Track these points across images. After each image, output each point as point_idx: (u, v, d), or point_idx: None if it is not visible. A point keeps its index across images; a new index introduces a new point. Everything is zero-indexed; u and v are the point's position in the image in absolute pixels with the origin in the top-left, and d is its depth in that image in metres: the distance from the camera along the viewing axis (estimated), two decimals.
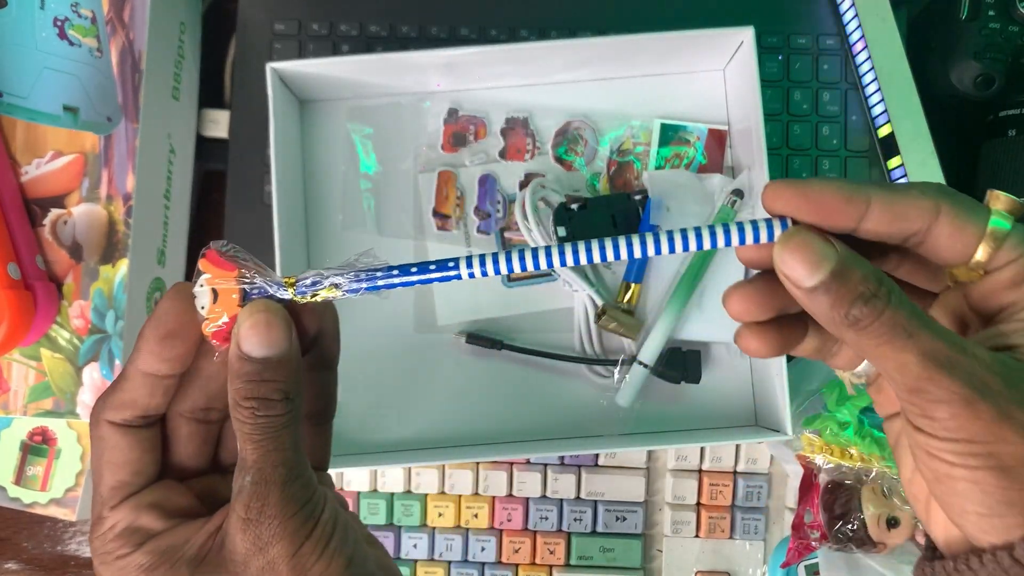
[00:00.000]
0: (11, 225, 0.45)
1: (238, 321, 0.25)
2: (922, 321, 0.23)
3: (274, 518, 0.24)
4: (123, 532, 0.26)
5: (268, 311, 0.25)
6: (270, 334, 0.25)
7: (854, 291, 0.23)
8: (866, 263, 0.24)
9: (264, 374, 0.25)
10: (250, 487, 0.24)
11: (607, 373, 0.52)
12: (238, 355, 0.25)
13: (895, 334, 0.23)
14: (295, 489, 0.25)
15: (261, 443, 0.24)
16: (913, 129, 0.52)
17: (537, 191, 0.51)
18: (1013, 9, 0.50)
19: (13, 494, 0.53)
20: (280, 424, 0.25)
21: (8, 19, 0.47)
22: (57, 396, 0.47)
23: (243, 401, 0.25)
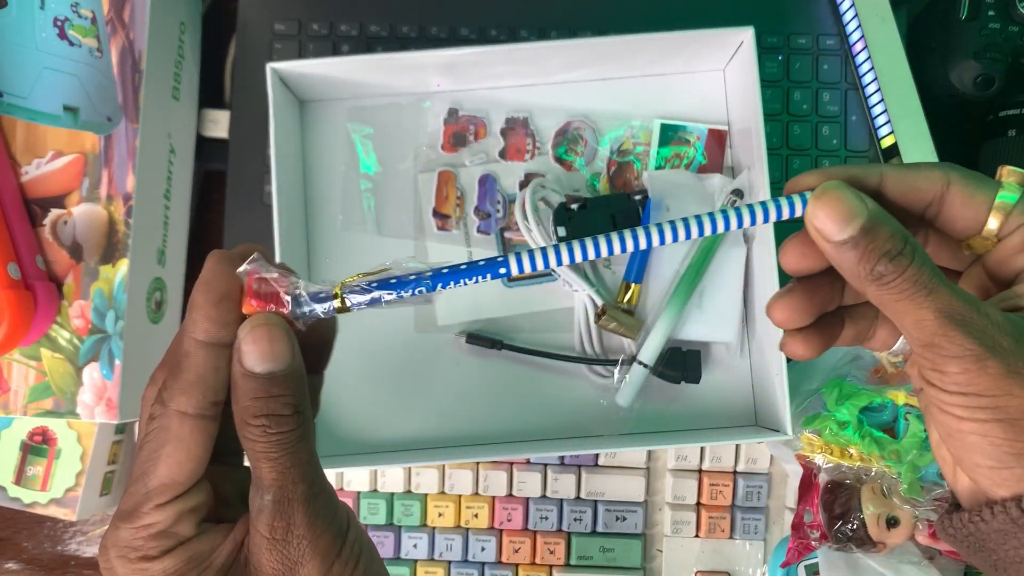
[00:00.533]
0: (11, 225, 0.45)
1: (238, 337, 0.24)
2: (942, 280, 0.24)
3: (303, 537, 0.24)
4: (159, 534, 0.24)
5: (268, 324, 0.24)
6: (273, 348, 0.24)
7: (881, 247, 0.24)
8: (894, 221, 0.25)
9: (272, 389, 0.24)
10: (272, 506, 0.24)
11: (607, 373, 0.52)
12: (242, 372, 0.24)
13: (916, 290, 0.24)
14: (319, 505, 0.24)
15: (278, 460, 0.24)
16: (913, 129, 0.52)
17: (537, 191, 0.51)
18: (1013, 9, 0.50)
19: (13, 494, 0.53)
20: (295, 439, 0.24)
21: (8, 19, 0.47)
22: (57, 396, 0.47)
23: (253, 420, 0.24)
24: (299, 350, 0.25)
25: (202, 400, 0.24)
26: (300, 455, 0.24)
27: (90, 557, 0.57)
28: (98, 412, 0.46)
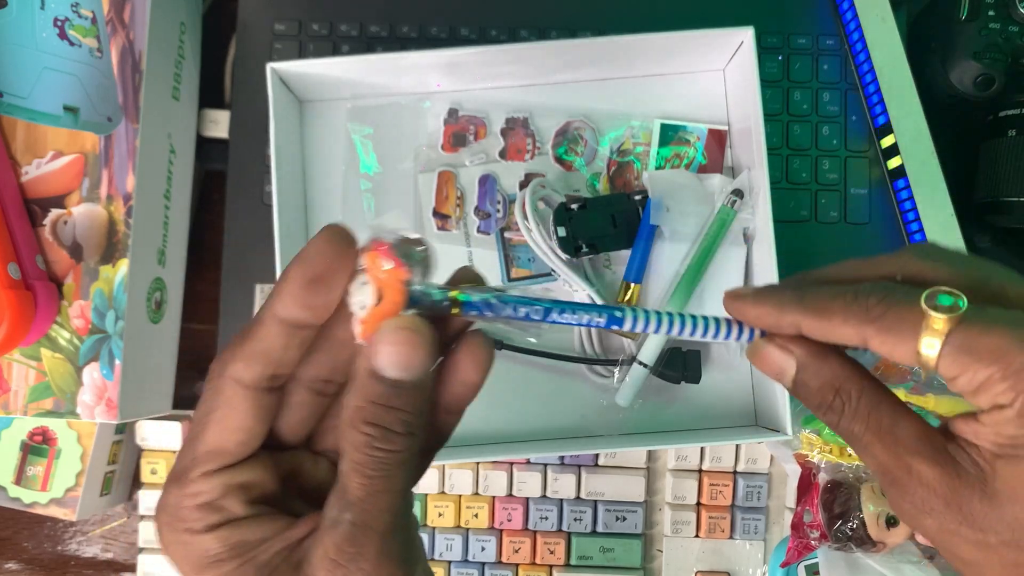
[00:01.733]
0: (11, 225, 0.45)
1: (379, 332, 0.22)
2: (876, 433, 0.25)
3: (367, 572, 0.22)
4: (204, 506, 0.23)
5: (414, 330, 0.22)
6: (413, 356, 0.22)
7: (813, 400, 0.26)
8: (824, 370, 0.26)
9: (393, 400, 0.22)
10: (348, 527, 0.22)
11: (607, 373, 0.52)
12: (368, 371, 0.22)
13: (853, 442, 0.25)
14: (396, 544, 0.22)
15: (372, 480, 0.22)
16: (913, 129, 0.52)
17: (537, 191, 0.51)
18: (1013, 9, 0.50)
19: (13, 494, 0.53)
20: (396, 461, 0.22)
21: (8, 19, 0.47)
22: (57, 396, 0.47)
23: (362, 424, 0.22)
24: (432, 370, 0.23)
25: (261, 372, 0.23)
26: (395, 482, 0.22)
27: (90, 557, 0.57)
28: (98, 412, 0.46)
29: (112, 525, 0.57)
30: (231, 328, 0.54)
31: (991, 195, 0.52)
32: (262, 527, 0.23)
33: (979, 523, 0.23)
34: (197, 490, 0.23)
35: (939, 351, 0.23)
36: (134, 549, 0.56)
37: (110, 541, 0.57)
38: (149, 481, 0.55)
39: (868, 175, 0.55)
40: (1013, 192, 0.50)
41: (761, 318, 0.27)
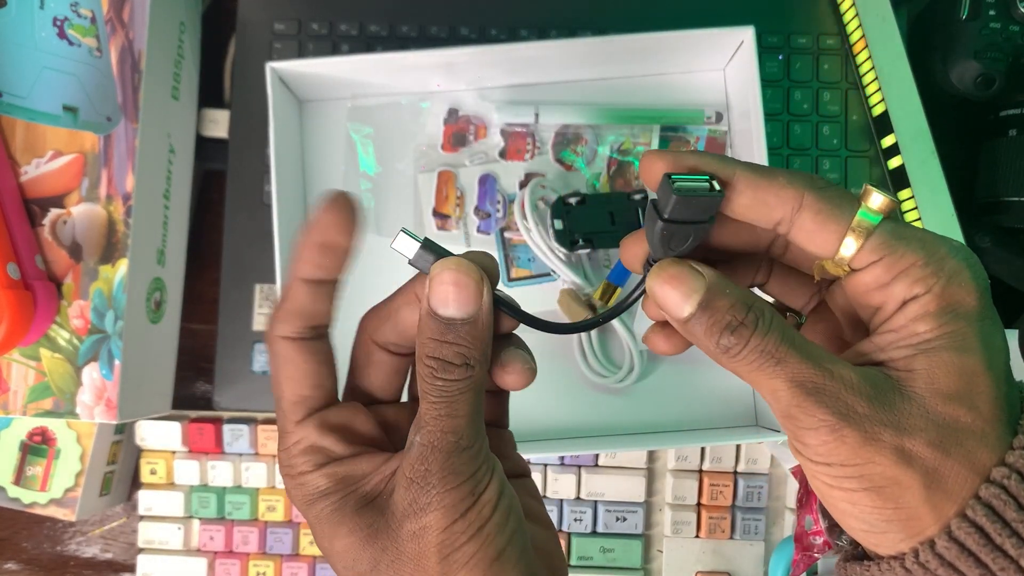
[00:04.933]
0: (10, 225, 0.45)
1: (430, 275, 0.25)
2: (791, 346, 0.23)
3: (433, 486, 0.24)
4: (307, 449, 0.26)
5: (460, 270, 0.25)
6: (459, 295, 0.24)
7: (722, 320, 0.24)
8: (735, 290, 0.24)
9: (447, 335, 0.24)
10: (417, 448, 0.24)
11: (607, 373, 0.52)
12: (426, 310, 0.25)
13: (764, 360, 0.23)
14: (461, 461, 0.24)
15: (436, 405, 0.24)
16: (913, 129, 0.52)
17: (536, 191, 0.51)
18: (1014, 9, 0.50)
19: (13, 494, 0.53)
20: (456, 390, 0.24)
21: (8, 19, 0.47)
22: (57, 396, 0.47)
23: (425, 359, 0.24)
24: (490, 308, 0.25)
25: (300, 325, 0.26)
26: (459, 407, 0.24)
27: (89, 557, 0.57)
28: (97, 412, 0.46)
29: (112, 525, 0.57)
30: (231, 328, 0.54)
31: (991, 195, 0.52)
32: (365, 463, 0.26)
33: (903, 424, 0.22)
34: (296, 439, 0.26)
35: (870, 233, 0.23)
36: (133, 549, 0.56)
37: (109, 541, 0.57)
38: (148, 481, 0.55)
39: (868, 175, 0.55)
40: (1013, 192, 0.50)
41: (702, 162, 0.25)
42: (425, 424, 0.24)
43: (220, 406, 0.54)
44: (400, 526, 0.24)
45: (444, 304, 0.24)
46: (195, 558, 0.55)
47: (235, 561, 0.55)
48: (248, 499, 0.55)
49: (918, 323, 0.23)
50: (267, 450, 0.55)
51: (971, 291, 0.23)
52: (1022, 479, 0.21)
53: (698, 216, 0.25)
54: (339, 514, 0.25)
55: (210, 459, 0.55)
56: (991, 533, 0.21)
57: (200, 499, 0.55)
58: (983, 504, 0.22)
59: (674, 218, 0.24)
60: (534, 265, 0.53)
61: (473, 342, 0.25)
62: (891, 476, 0.22)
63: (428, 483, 0.24)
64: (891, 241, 0.23)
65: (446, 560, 0.24)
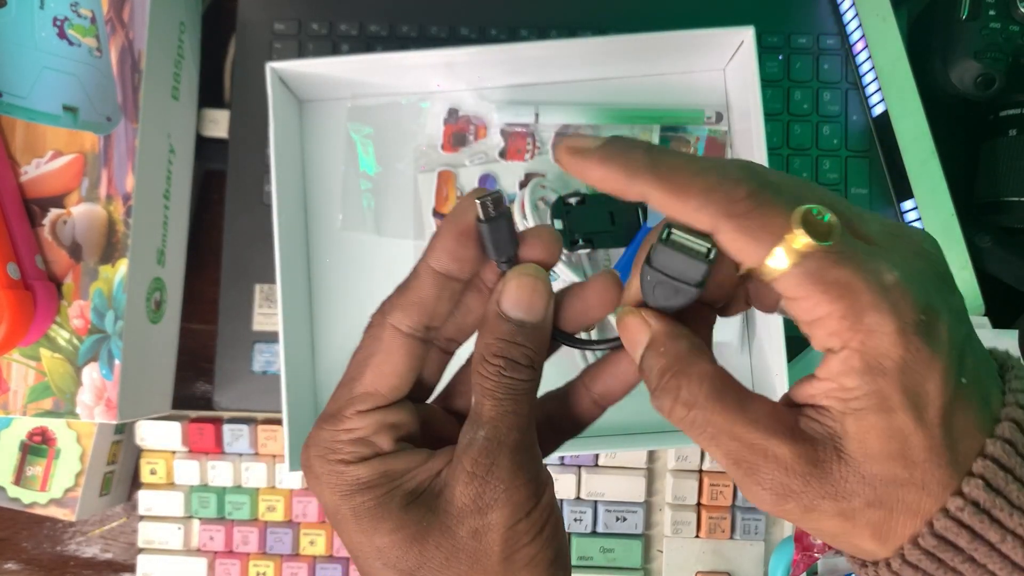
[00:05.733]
0: (10, 225, 0.45)
1: (505, 279, 0.25)
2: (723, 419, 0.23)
3: (501, 481, 0.24)
4: (358, 440, 0.25)
5: (536, 276, 0.25)
6: (533, 299, 0.25)
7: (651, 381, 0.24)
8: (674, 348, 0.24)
9: (517, 336, 0.25)
10: (482, 442, 0.24)
11: None
12: (496, 312, 0.25)
13: (698, 432, 0.23)
14: (526, 458, 0.25)
15: (502, 402, 0.24)
16: (913, 129, 0.52)
17: (536, 191, 0.51)
18: (1014, 9, 0.50)
19: (13, 494, 0.53)
20: (522, 389, 0.25)
21: (8, 19, 0.47)
22: (57, 396, 0.47)
23: (492, 357, 0.25)
24: (552, 314, 0.26)
25: (417, 320, 0.26)
26: (522, 405, 0.25)
27: (89, 557, 0.57)
28: (97, 412, 0.46)
29: (111, 525, 0.57)
30: (231, 328, 0.54)
31: (991, 195, 0.52)
32: (406, 459, 0.26)
33: (840, 491, 0.22)
34: (352, 426, 0.25)
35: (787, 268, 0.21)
36: (133, 549, 0.56)
37: (109, 541, 0.57)
38: (148, 481, 0.55)
39: (868, 175, 0.55)
40: (1013, 192, 0.50)
41: (606, 181, 0.24)
42: (490, 420, 0.24)
43: (220, 406, 0.54)
44: (459, 523, 0.24)
45: (518, 307, 0.25)
46: (195, 558, 0.55)
47: (235, 561, 0.55)
48: (248, 499, 0.55)
49: (844, 377, 0.22)
50: (267, 450, 0.55)
51: (894, 342, 0.21)
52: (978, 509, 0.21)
53: (684, 277, 0.23)
54: (382, 509, 0.25)
55: (210, 459, 0.55)
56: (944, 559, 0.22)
57: (200, 499, 0.55)
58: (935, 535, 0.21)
59: (659, 267, 0.24)
60: None
61: (538, 345, 0.25)
62: (840, 531, 0.22)
63: (494, 477, 0.24)
64: (807, 284, 0.21)
65: (508, 560, 0.24)
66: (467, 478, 0.24)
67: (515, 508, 0.24)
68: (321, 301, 0.53)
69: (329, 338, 0.53)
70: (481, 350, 0.25)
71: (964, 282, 0.51)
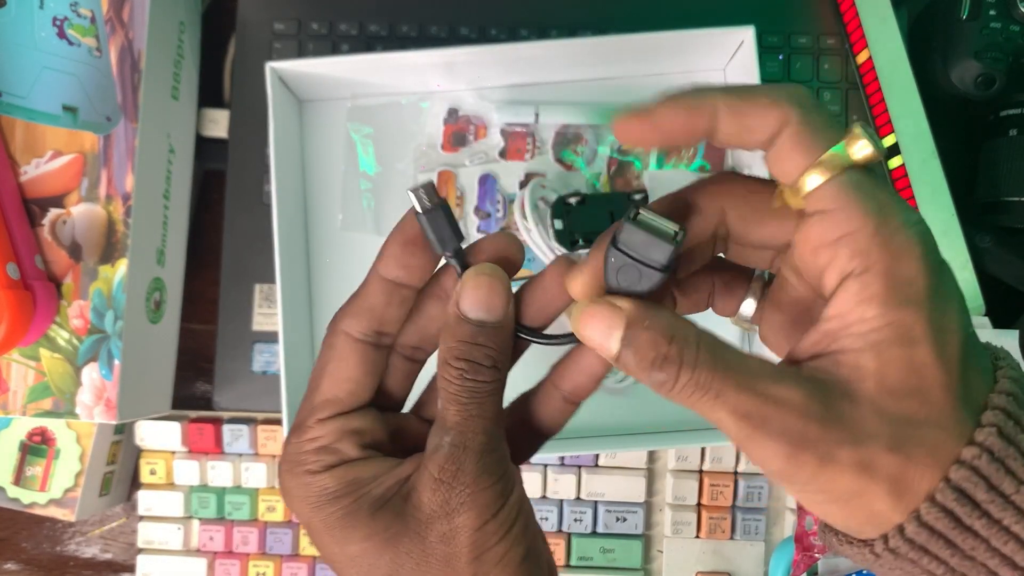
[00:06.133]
0: (10, 225, 0.45)
1: (462, 279, 0.25)
2: (727, 374, 0.22)
3: (466, 486, 0.24)
4: (321, 449, 0.26)
5: (492, 276, 0.25)
6: (491, 299, 0.25)
7: (647, 356, 0.22)
8: (656, 319, 0.23)
9: (478, 337, 0.25)
10: (448, 448, 0.24)
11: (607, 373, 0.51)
12: (455, 314, 0.25)
13: (701, 394, 0.22)
14: (491, 461, 0.25)
15: (466, 406, 0.24)
16: (913, 129, 0.52)
17: (536, 190, 0.51)
18: (1014, 8, 0.50)
19: (12, 494, 0.53)
20: (486, 391, 0.25)
21: (7, 19, 0.47)
22: (56, 396, 0.47)
23: (453, 361, 0.25)
24: (512, 312, 0.26)
25: (367, 326, 0.26)
26: (487, 408, 0.25)
27: (89, 558, 0.57)
28: (97, 412, 0.46)
29: (111, 525, 0.57)
30: (231, 328, 0.54)
31: (992, 195, 0.52)
32: (374, 466, 0.26)
33: (858, 434, 0.21)
34: (314, 435, 0.26)
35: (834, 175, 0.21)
36: (133, 549, 0.56)
37: (109, 542, 0.57)
38: (148, 481, 0.55)
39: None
40: (1014, 192, 0.50)
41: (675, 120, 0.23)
42: (454, 425, 0.24)
43: (220, 406, 0.54)
44: (427, 528, 0.24)
45: (476, 308, 0.25)
46: (195, 558, 0.55)
47: (235, 561, 0.55)
48: (248, 499, 0.55)
49: (864, 307, 0.21)
50: (267, 450, 0.55)
51: (920, 270, 0.21)
52: (992, 457, 0.21)
53: (650, 259, 0.23)
54: (352, 518, 0.25)
55: (210, 459, 0.55)
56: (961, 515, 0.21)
57: (200, 499, 0.55)
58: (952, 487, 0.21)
59: (624, 248, 0.23)
60: (534, 265, 0.53)
61: (501, 345, 0.25)
62: (855, 490, 0.21)
63: (460, 483, 0.24)
64: (849, 192, 0.21)
65: (478, 560, 0.24)
66: (434, 484, 0.24)
67: (482, 510, 0.24)
68: (321, 301, 0.53)
69: None
70: (443, 354, 0.25)
71: (964, 282, 0.51)
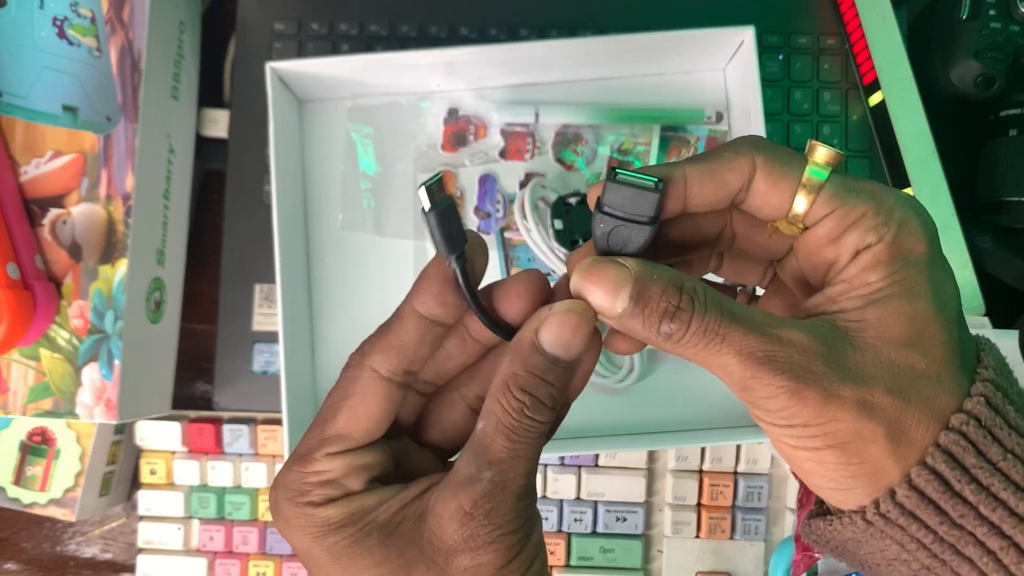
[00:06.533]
0: (10, 225, 0.45)
1: (550, 311, 0.24)
2: (733, 319, 0.23)
3: (498, 526, 0.23)
4: (328, 483, 0.25)
5: (581, 315, 0.24)
6: (574, 338, 0.24)
7: (657, 308, 0.23)
8: (664, 273, 0.23)
9: (549, 374, 0.24)
10: (487, 485, 0.23)
11: (607, 373, 0.51)
12: (532, 344, 0.24)
13: (708, 340, 0.23)
14: (525, 505, 0.24)
15: (516, 444, 0.24)
16: (913, 129, 0.52)
17: (536, 190, 0.51)
18: (1014, 8, 0.50)
19: (12, 494, 0.53)
20: (539, 432, 0.24)
21: (7, 19, 0.47)
22: (56, 396, 0.47)
23: (517, 391, 0.24)
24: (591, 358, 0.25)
25: (397, 364, 0.25)
26: (534, 450, 0.24)
27: (89, 558, 0.57)
28: (97, 412, 0.46)
29: (111, 525, 0.57)
30: (231, 328, 0.54)
31: (992, 195, 0.52)
32: (379, 494, 0.25)
33: (860, 374, 0.22)
34: (321, 468, 0.25)
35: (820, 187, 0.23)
36: (133, 549, 0.56)
37: (109, 542, 0.57)
38: (148, 481, 0.55)
39: (868, 175, 0.55)
40: (1014, 192, 0.50)
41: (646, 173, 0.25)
42: (499, 461, 0.23)
43: (220, 406, 0.54)
44: (447, 560, 0.24)
45: (556, 344, 0.24)
46: (195, 558, 0.55)
47: (235, 561, 0.55)
48: (248, 499, 0.55)
49: (869, 272, 0.23)
50: (267, 450, 0.55)
51: (920, 239, 0.23)
52: (980, 425, 0.22)
53: (638, 213, 0.24)
54: (360, 547, 0.24)
55: (210, 459, 0.55)
56: (950, 480, 0.21)
57: (200, 499, 0.55)
58: (942, 451, 0.22)
59: (611, 210, 0.24)
60: (534, 265, 0.53)
61: (566, 387, 0.24)
62: (855, 430, 0.22)
63: (492, 522, 0.23)
64: (841, 193, 0.23)
65: None
66: (463, 517, 0.23)
67: (507, 550, 0.24)
68: (321, 301, 0.53)
69: (329, 338, 0.53)
70: (507, 379, 0.24)
71: (964, 282, 0.51)
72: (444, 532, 0.23)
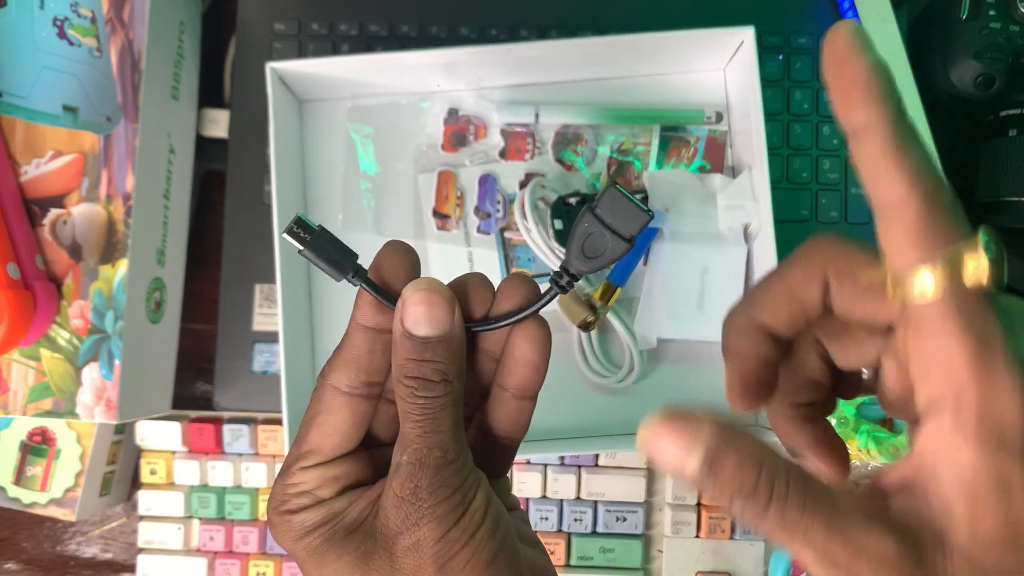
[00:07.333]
0: (10, 225, 0.45)
1: (402, 298, 0.25)
2: (815, 515, 0.21)
3: (425, 500, 0.25)
4: (302, 493, 0.27)
5: (431, 289, 0.25)
6: (432, 313, 0.25)
7: (730, 486, 0.21)
8: (742, 443, 0.21)
9: (425, 353, 0.25)
10: (406, 467, 0.25)
11: (607, 373, 0.52)
12: (401, 332, 0.25)
13: (786, 532, 0.21)
14: (448, 473, 0.25)
15: (420, 423, 0.25)
16: None
17: (536, 191, 0.51)
18: (1014, 9, 0.50)
19: (13, 494, 0.53)
20: (438, 406, 0.25)
21: (7, 19, 0.47)
22: (56, 396, 0.47)
23: (404, 379, 0.25)
24: (461, 323, 0.26)
25: (353, 378, 0.26)
26: (441, 422, 0.25)
27: (89, 558, 0.57)
28: (97, 412, 0.46)
29: (111, 525, 0.57)
30: (231, 328, 0.54)
31: (992, 195, 0.52)
32: (347, 498, 0.27)
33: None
34: (296, 481, 0.27)
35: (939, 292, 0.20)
36: (133, 549, 0.56)
37: (109, 541, 0.57)
38: (148, 481, 0.55)
39: None
40: (1014, 192, 0.50)
41: None
42: (410, 443, 0.25)
43: (220, 406, 0.54)
44: (394, 543, 0.25)
45: (418, 324, 0.25)
46: (195, 558, 0.55)
47: (235, 561, 0.55)
48: (248, 499, 0.55)
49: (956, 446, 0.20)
50: (267, 450, 0.55)
51: (1019, 411, 0.19)
52: None
53: (622, 227, 0.25)
54: (328, 544, 0.26)
55: (210, 459, 0.55)
56: None
57: (200, 499, 0.55)
58: None
59: (602, 214, 0.25)
60: (534, 265, 0.53)
61: (450, 358, 0.25)
62: None
63: (419, 499, 0.25)
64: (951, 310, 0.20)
65: (443, 569, 0.25)
66: (396, 501, 0.25)
67: (441, 520, 0.25)
68: (321, 301, 0.53)
69: (329, 338, 0.53)
70: (395, 372, 0.25)
71: None
72: (388, 519, 0.25)
